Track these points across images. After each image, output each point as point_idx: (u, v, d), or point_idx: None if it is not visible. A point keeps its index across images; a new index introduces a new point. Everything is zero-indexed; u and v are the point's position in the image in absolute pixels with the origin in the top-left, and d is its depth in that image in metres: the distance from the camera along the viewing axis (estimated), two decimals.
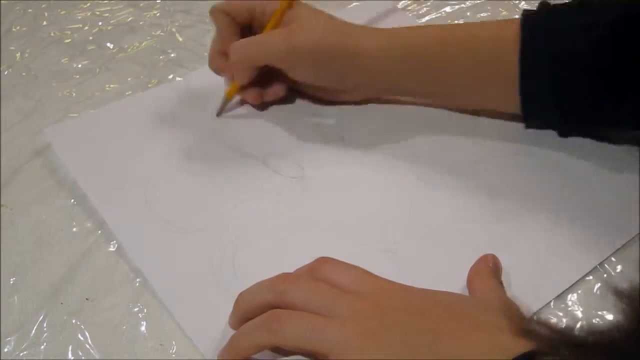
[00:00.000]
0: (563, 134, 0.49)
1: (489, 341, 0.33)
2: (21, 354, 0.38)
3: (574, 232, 0.44)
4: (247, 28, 0.52)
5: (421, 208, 0.46)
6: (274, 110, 0.54)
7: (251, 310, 0.36)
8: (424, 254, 0.43)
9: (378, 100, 0.54)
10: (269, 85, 0.52)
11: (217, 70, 0.53)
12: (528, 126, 0.50)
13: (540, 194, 0.47)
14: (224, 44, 0.51)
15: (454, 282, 0.41)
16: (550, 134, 0.51)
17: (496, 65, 0.47)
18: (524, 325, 0.30)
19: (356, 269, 0.37)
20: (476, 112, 0.52)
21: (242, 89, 0.52)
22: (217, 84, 0.56)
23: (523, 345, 0.31)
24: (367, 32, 0.49)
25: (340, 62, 0.48)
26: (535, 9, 0.47)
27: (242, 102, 0.54)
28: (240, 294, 0.38)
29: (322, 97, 0.54)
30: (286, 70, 0.50)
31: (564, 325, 0.39)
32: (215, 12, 0.51)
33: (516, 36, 0.45)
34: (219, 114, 0.53)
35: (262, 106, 0.53)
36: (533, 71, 0.45)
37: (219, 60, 0.52)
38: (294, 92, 0.54)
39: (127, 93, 0.56)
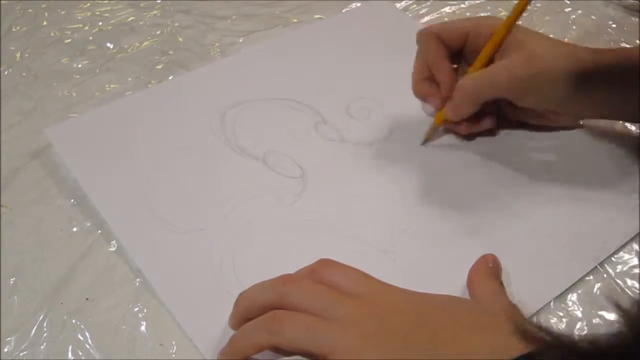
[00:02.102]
0: None
1: (487, 342, 0.33)
2: (21, 354, 0.38)
3: (574, 232, 0.44)
4: (457, 54, 0.49)
5: (421, 208, 0.46)
6: (275, 110, 0.54)
7: (251, 310, 0.36)
8: (423, 254, 0.43)
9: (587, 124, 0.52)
10: (478, 116, 0.49)
11: (423, 97, 0.50)
12: None
13: (540, 194, 0.47)
14: (432, 68, 0.48)
15: (454, 282, 0.41)
16: (549, 135, 0.51)
17: None
18: (523, 327, 0.30)
19: (356, 271, 0.37)
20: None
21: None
22: (218, 83, 0.56)
23: (522, 347, 0.31)
24: (594, 56, 0.46)
25: (572, 86, 0.45)
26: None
27: (447, 131, 0.51)
28: (241, 294, 0.38)
29: (537, 123, 0.51)
30: (517, 100, 0.47)
31: (563, 327, 0.39)
32: (425, 35, 0.48)
33: None
34: (424, 143, 0.51)
35: (470, 136, 0.51)
36: None
37: (424, 86, 0.49)
38: (503, 120, 0.51)
39: (127, 93, 0.56)
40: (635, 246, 0.44)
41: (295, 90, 0.55)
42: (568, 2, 0.67)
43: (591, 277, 0.42)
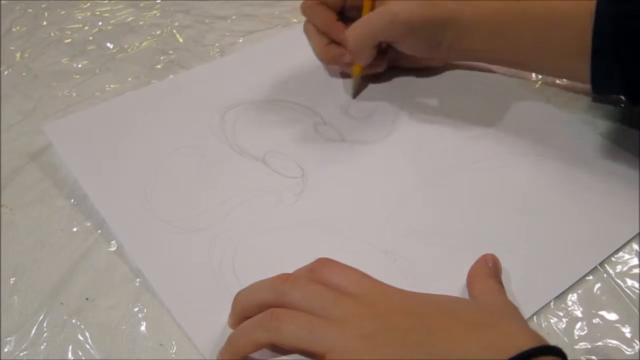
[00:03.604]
0: (633, 101, 0.48)
1: (485, 342, 0.33)
2: (21, 354, 0.38)
3: (574, 232, 0.44)
4: (341, 14, 0.54)
5: (421, 208, 0.46)
6: (275, 110, 0.54)
7: (249, 308, 0.37)
8: (423, 254, 0.43)
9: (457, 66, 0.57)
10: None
11: (334, 60, 0.54)
12: (595, 91, 0.50)
13: (540, 194, 0.47)
14: (330, 33, 0.53)
15: (454, 282, 0.41)
16: (549, 135, 0.51)
17: (570, 33, 0.47)
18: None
19: (355, 271, 0.37)
20: (480, 113, 0.53)
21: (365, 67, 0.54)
22: (218, 83, 0.56)
23: (520, 345, 0.31)
24: (459, 2, 0.50)
25: (442, 30, 0.50)
26: None
27: (369, 78, 0.56)
28: (239, 292, 0.38)
29: (413, 66, 0.56)
30: (398, 43, 0.52)
31: (563, 327, 0.39)
32: (308, 6, 0.53)
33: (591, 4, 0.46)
34: (354, 96, 0.55)
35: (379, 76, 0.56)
36: (601, 37, 0.45)
37: (329, 51, 0.53)
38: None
39: (127, 93, 0.56)
40: (635, 246, 0.44)
41: (295, 91, 0.55)
42: None
43: (591, 277, 0.42)
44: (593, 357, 0.38)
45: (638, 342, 0.38)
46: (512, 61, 0.53)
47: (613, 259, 0.43)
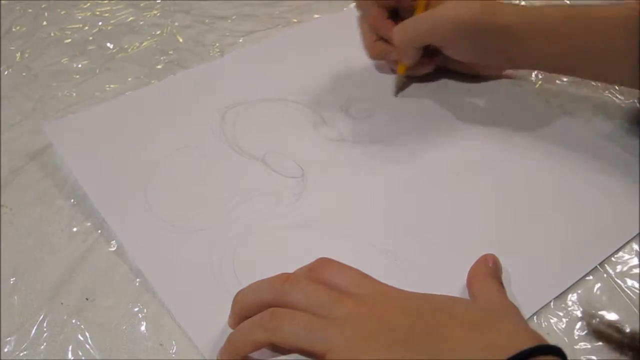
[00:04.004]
0: None
1: (485, 341, 0.33)
2: (21, 354, 0.38)
3: (574, 232, 0.44)
4: (394, 12, 0.54)
5: (421, 208, 0.46)
6: (275, 110, 0.54)
7: (249, 308, 0.37)
8: (423, 254, 0.43)
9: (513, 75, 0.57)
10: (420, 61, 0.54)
11: (381, 56, 0.55)
12: None
13: (540, 194, 0.47)
14: (379, 30, 0.54)
15: (454, 282, 0.41)
16: (549, 135, 0.51)
17: (626, 40, 0.46)
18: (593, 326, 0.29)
19: (355, 271, 0.37)
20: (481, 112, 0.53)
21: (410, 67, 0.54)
22: (218, 83, 0.56)
23: (519, 345, 0.31)
24: (514, 10, 0.50)
25: (494, 37, 0.49)
26: None
27: (411, 80, 0.56)
28: (239, 292, 0.38)
29: (465, 72, 0.56)
30: (446, 48, 0.52)
31: (563, 327, 0.39)
32: (362, 2, 0.54)
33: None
34: (396, 94, 0.55)
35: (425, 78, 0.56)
36: None
37: (377, 47, 0.55)
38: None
39: (127, 93, 0.56)
40: (635, 246, 0.44)
41: (295, 90, 0.55)
42: (568, 2, 0.67)
43: (591, 277, 0.42)
44: (593, 357, 0.38)
45: (638, 342, 0.38)
46: (566, 69, 0.53)
47: (613, 259, 0.43)
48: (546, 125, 0.52)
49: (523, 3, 0.67)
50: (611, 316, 0.40)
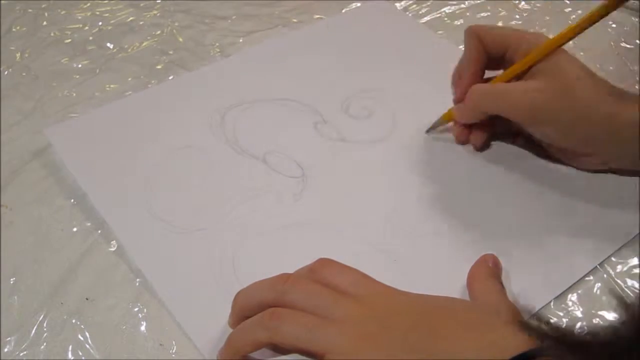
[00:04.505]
0: None
1: (485, 342, 0.33)
2: (21, 354, 0.38)
3: (574, 232, 0.44)
4: (499, 58, 0.47)
5: (421, 208, 0.46)
6: (275, 110, 0.54)
7: (249, 308, 0.37)
8: (423, 254, 0.43)
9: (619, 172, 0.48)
10: (477, 128, 0.49)
11: (453, 83, 0.49)
12: None
13: (540, 194, 0.47)
14: (467, 66, 0.47)
15: (454, 282, 0.41)
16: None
17: None
18: (527, 322, 0.29)
19: (355, 272, 0.37)
20: None
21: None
22: (219, 83, 0.56)
23: (520, 346, 0.31)
24: (628, 99, 0.42)
25: (591, 128, 0.42)
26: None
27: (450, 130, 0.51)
28: (239, 292, 0.38)
29: (557, 155, 0.48)
30: (527, 129, 0.46)
31: (564, 325, 0.39)
32: (469, 33, 0.47)
33: None
34: (428, 132, 0.51)
35: (464, 143, 0.50)
36: None
37: (457, 77, 0.49)
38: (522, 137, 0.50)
39: (127, 93, 0.56)
40: (636, 246, 0.44)
41: (295, 91, 0.55)
42: (568, 2, 0.67)
43: (591, 277, 0.42)
44: None
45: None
46: None
47: (613, 259, 0.43)
48: None
49: (523, 3, 0.67)
50: (611, 316, 0.40)
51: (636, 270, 0.42)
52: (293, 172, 0.49)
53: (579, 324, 0.39)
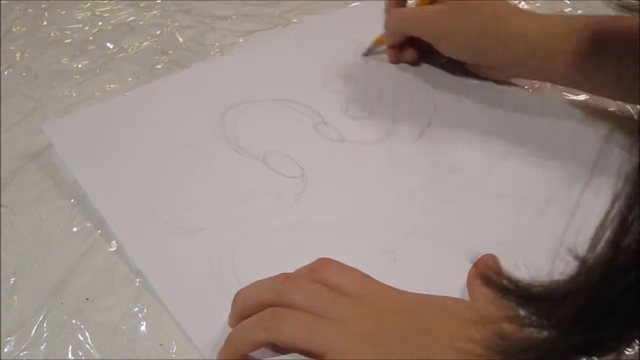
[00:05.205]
0: None
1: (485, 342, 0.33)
2: (21, 354, 0.38)
3: (574, 232, 0.44)
4: None
5: (421, 208, 0.46)
6: (275, 110, 0.54)
7: (249, 308, 0.37)
8: (424, 254, 0.43)
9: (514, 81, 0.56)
10: (406, 47, 0.56)
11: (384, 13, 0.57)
12: None
13: (540, 195, 0.47)
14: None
15: (454, 282, 0.41)
16: (549, 136, 0.51)
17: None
18: (485, 274, 0.29)
19: (355, 272, 0.37)
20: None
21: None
22: (219, 83, 0.56)
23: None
24: (520, 16, 0.50)
25: (490, 43, 0.50)
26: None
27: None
28: (239, 292, 0.38)
29: (468, 67, 0.56)
30: (435, 44, 0.53)
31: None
32: None
33: None
34: (365, 55, 0.59)
35: (397, 63, 0.58)
36: None
37: (388, 5, 0.56)
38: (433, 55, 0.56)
39: (127, 93, 0.56)
40: None
41: (295, 91, 0.55)
42: (568, 2, 0.67)
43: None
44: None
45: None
46: (547, 78, 0.53)
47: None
48: (546, 126, 0.52)
49: (523, 3, 0.67)
50: None
51: None
52: (293, 172, 0.49)
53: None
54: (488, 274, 0.29)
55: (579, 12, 0.66)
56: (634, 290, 0.22)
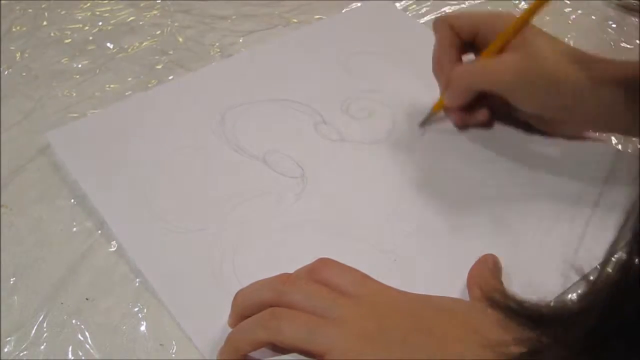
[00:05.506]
0: None
1: (484, 342, 0.33)
2: (21, 354, 0.38)
3: (575, 232, 0.44)
4: (470, 44, 0.49)
5: (421, 208, 0.46)
6: (275, 110, 0.54)
7: (249, 308, 0.37)
8: (423, 254, 0.43)
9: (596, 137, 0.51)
10: (473, 107, 0.50)
11: (434, 72, 0.51)
12: None
13: (541, 194, 0.47)
14: (445, 53, 0.49)
15: (454, 282, 0.41)
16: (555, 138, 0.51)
17: None
18: (490, 294, 0.29)
19: (355, 272, 0.37)
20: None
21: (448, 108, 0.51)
22: (219, 84, 0.56)
23: (520, 346, 0.31)
24: (605, 63, 0.45)
25: (571, 93, 0.44)
26: None
27: (446, 118, 0.52)
28: (239, 292, 0.38)
29: (538, 126, 0.51)
30: (510, 99, 0.47)
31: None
32: (438, 23, 0.50)
33: None
34: (421, 125, 0.52)
35: (464, 127, 0.52)
36: None
37: (439, 68, 0.50)
38: (504, 116, 0.51)
39: (127, 93, 0.56)
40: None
41: (295, 91, 0.55)
42: (568, 2, 0.67)
43: (591, 277, 0.42)
44: None
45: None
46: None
47: (613, 258, 0.43)
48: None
49: (523, 3, 0.67)
50: None
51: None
52: (293, 172, 0.49)
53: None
54: (493, 296, 0.28)
55: (579, 12, 0.66)
56: None
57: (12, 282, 0.42)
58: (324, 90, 0.56)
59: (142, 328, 0.40)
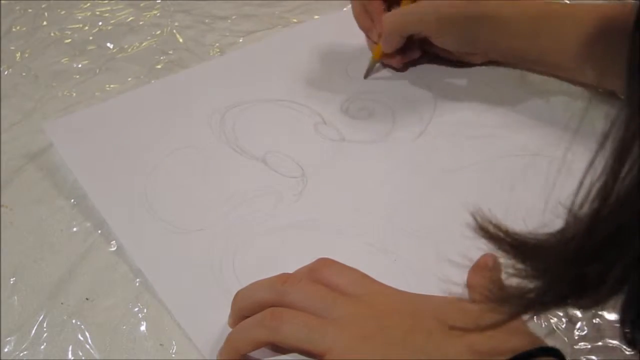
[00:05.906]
0: None
1: (484, 342, 0.33)
2: (21, 354, 0.38)
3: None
4: None
5: (421, 208, 0.46)
6: (275, 110, 0.54)
7: (249, 308, 0.37)
8: (423, 254, 0.43)
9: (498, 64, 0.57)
10: (405, 49, 0.56)
11: (367, 30, 0.56)
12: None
13: (541, 195, 0.47)
14: (368, 7, 0.55)
15: (454, 282, 0.41)
16: (548, 135, 0.51)
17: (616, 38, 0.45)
18: (481, 224, 0.30)
19: (355, 272, 0.37)
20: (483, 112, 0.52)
21: (386, 54, 0.56)
22: (219, 83, 0.56)
23: (518, 347, 0.31)
24: (503, 2, 0.52)
25: (478, 27, 0.52)
26: None
27: (385, 66, 0.58)
28: (238, 292, 0.38)
29: (451, 58, 0.57)
30: (432, 37, 0.53)
31: (563, 327, 0.39)
32: None
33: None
34: (366, 77, 0.57)
35: (403, 68, 0.57)
36: None
37: (366, 20, 0.56)
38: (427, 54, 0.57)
39: (127, 93, 0.56)
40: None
41: (295, 91, 0.55)
42: (568, 2, 0.67)
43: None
44: (593, 357, 0.38)
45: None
46: (553, 63, 0.53)
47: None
48: (545, 125, 0.52)
49: None
50: (611, 316, 0.40)
51: None
52: (293, 172, 0.49)
53: (578, 324, 0.39)
54: (486, 226, 0.30)
55: None
56: (615, 240, 0.23)
57: (12, 282, 0.42)
58: (324, 90, 0.56)
59: (142, 328, 0.40)
